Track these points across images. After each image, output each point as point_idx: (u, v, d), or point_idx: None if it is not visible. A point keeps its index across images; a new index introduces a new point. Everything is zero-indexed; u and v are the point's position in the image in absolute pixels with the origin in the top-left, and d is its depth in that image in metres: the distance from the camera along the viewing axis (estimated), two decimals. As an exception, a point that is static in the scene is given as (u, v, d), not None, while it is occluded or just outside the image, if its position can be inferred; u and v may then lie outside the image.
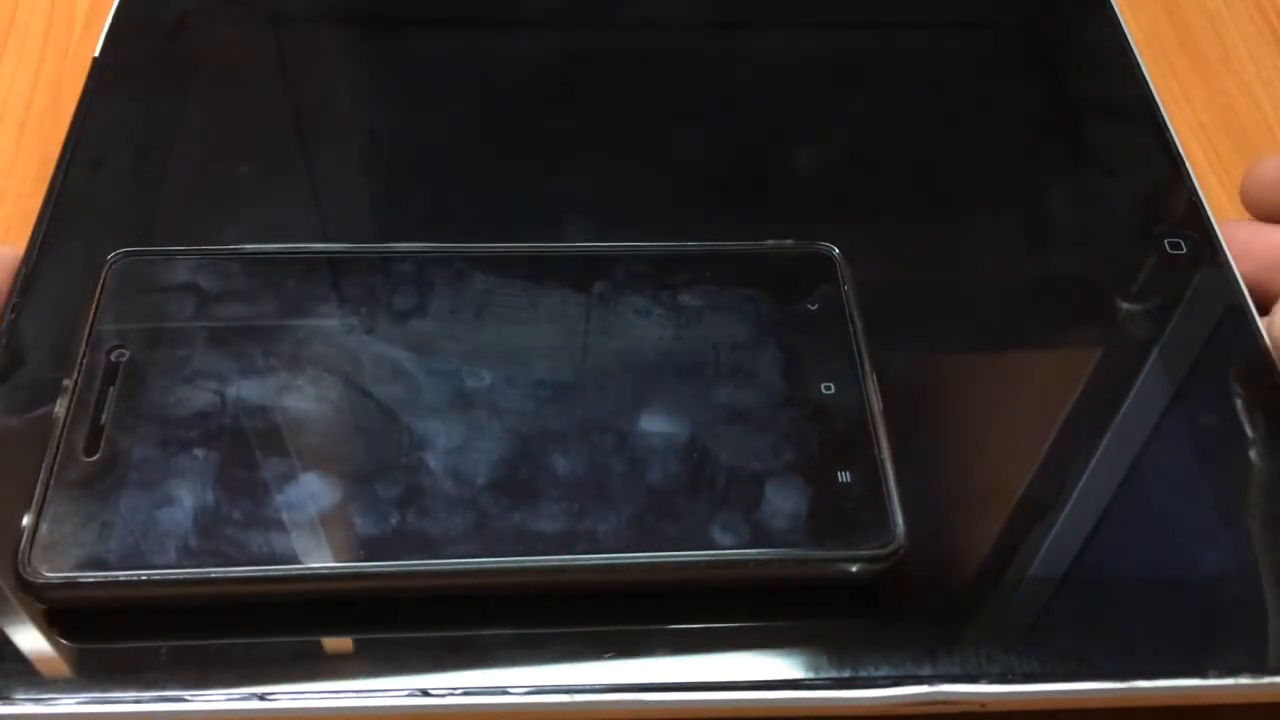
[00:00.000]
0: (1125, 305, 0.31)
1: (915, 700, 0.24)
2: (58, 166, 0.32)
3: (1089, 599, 0.26)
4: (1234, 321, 0.31)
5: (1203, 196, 0.33)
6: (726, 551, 0.25)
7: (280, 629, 0.24)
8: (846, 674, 0.25)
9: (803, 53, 0.38)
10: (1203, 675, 0.25)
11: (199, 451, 0.26)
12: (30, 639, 0.24)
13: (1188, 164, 0.34)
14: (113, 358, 0.27)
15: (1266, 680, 0.25)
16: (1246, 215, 0.33)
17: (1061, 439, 0.29)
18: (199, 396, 0.27)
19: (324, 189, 0.33)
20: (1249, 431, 0.29)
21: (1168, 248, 0.32)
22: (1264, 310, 0.31)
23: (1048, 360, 0.31)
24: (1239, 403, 0.29)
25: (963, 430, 0.29)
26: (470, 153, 0.34)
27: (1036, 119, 0.36)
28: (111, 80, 0.35)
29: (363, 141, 0.35)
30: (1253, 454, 0.28)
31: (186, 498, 0.25)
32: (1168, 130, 0.35)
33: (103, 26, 0.36)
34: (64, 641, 0.24)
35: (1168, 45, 0.40)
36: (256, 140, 0.34)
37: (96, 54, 0.35)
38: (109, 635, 0.24)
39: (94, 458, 0.25)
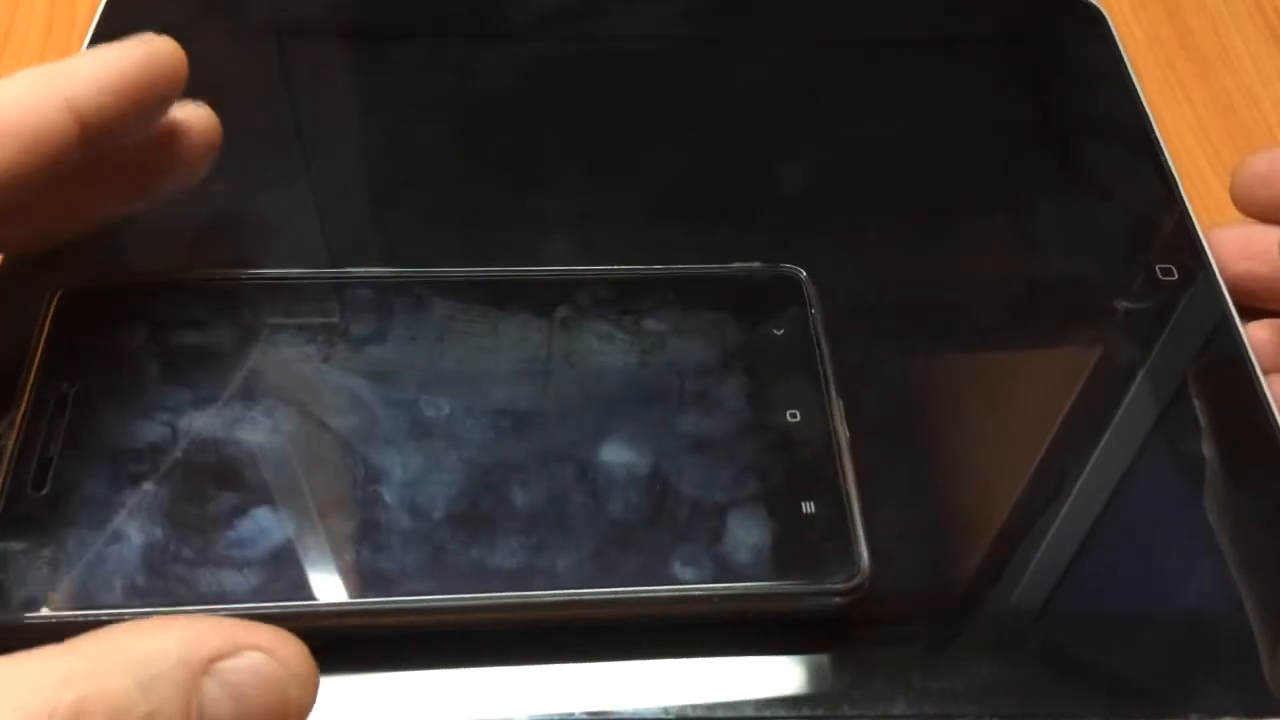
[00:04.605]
0: (1107, 333, 0.31)
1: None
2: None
3: (1064, 634, 0.25)
4: (1226, 351, 0.30)
5: (1195, 221, 0.33)
6: (689, 586, 0.25)
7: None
8: (816, 711, 0.24)
9: (783, 70, 0.37)
10: (1184, 716, 0.24)
11: (150, 487, 0.25)
12: None
13: (1181, 189, 0.33)
14: (61, 389, 0.26)
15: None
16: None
17: (1037, 468, 0.28)
18: (150, 430, 0.26)
19: (289, 209, 0.33)
20: (1236, 469, 0.28)
21: (1159, 274, 0.32)
22: (1253, 315, 0.31)
23: (1023, 385, 0.30)
24: (1224, 435, 0.29)
25: (931, 458, 0.29)
26: (436, 175, 0.34)
27: (1022, 141, 0.36)
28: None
29: (336, 160, 0.34)
30: (1240, 490, 0.28)
31: (137, 535, 0.24)
32: (1163, 154, 0.34)
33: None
34: None
35: (1168, 45, 0.39)
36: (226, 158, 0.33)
37: None
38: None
39: (42, 492, 0.25)
